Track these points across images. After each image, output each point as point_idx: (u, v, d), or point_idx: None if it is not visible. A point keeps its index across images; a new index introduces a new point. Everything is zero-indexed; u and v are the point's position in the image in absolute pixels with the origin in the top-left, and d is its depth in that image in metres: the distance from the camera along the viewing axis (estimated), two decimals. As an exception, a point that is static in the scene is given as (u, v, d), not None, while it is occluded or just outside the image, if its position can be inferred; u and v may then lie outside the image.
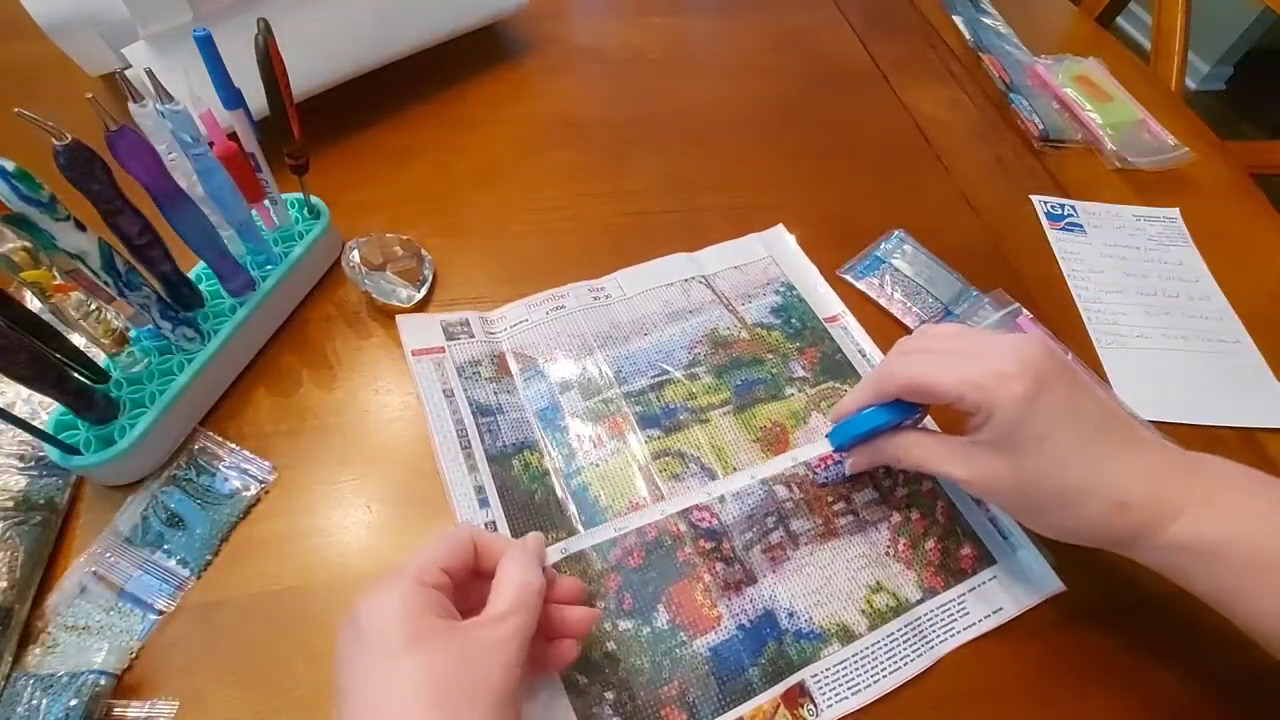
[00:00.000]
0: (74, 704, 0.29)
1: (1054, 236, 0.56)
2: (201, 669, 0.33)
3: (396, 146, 0.55)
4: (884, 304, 0.49)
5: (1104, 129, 0.63)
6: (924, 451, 0.34)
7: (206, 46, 0.34)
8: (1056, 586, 0.37)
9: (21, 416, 0.32)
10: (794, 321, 0.47)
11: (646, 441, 0.40)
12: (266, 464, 0.39)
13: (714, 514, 0.38)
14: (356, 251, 0.45)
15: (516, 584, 0.28)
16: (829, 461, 0.40)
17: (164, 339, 0.38)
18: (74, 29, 0.49)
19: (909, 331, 0.48)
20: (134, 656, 0.33)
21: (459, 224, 0.51)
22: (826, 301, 0.49)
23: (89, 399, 0.35)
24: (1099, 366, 0.48)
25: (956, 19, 0.74)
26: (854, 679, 0.34)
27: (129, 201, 0.33)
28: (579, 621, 0.31)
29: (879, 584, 0.37)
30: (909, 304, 0.49)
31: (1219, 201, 0.61)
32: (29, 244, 0.31)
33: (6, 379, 0.32)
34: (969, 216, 0.57)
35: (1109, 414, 0.31)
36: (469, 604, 0.28)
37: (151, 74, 0.34)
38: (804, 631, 0.35)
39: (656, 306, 0.47)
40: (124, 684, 0.32)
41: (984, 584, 0.38)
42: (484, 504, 0.37)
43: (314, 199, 0.46)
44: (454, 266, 0.48)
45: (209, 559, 0.35)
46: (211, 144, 0.37)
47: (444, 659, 0.24)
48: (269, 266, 0.43)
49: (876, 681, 0.34)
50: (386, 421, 0.41)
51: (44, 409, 0.38)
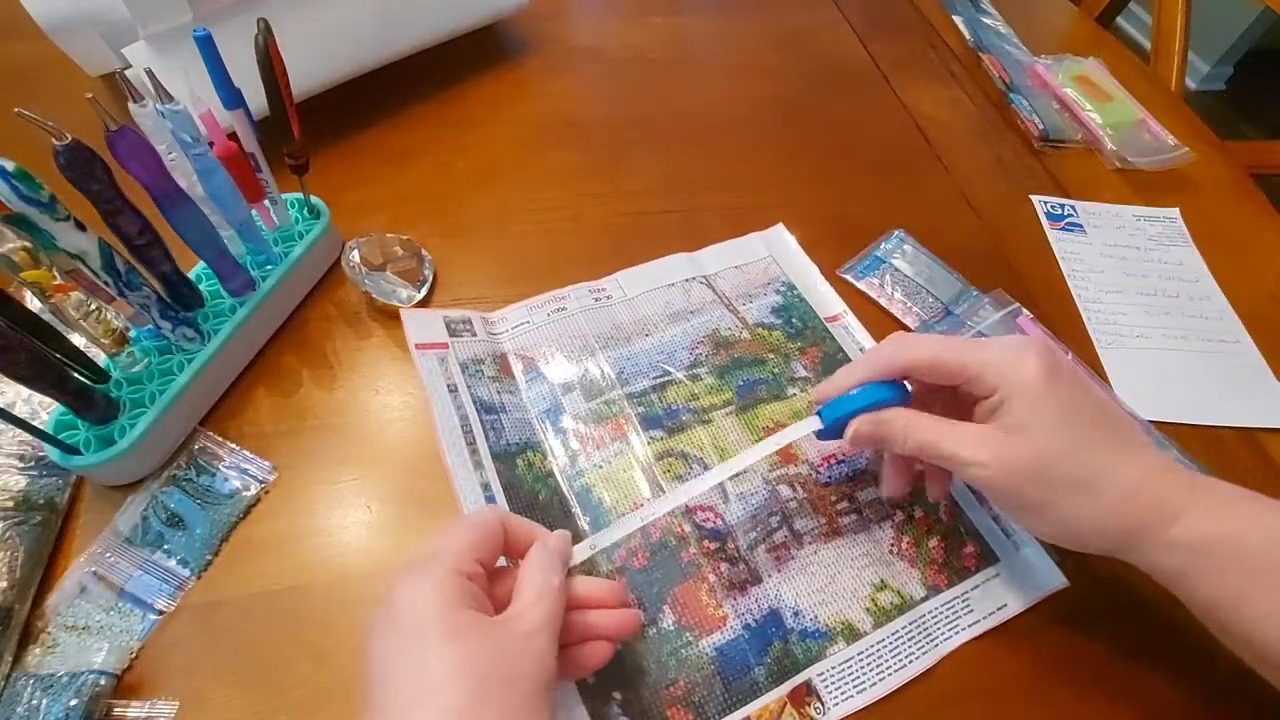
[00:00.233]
0: (74, 704, 0.29)
1: (1054, 236, 0.56)
2: (201, 669, 0.33)
3: (396, 146, 0.55)
4: (884, 304, 0.49)
5: (1104, 129, 0.63)
6: (934, 434, 0.32)
7: (206, 46, 0.34)
8: (1060, 582, 0.37)
9: (21, 416, 0.32)
10: (795, 321, 0.47)
11: (649, 442, 0.40)
12: (266, 464, 0.38)
13: (718, 514, 0.38)
14: (356, 251, 0.45)
15: (538, 585, 0.28)
16: (832, 461, 0.40)
17: (164, 339, 0.38)
18: (74, 29, 0.49)
19: (909, 331, 0.48)
20: (134, 656, 0.32)
21: (459, 224, 0.51)
22: (827, 301, 0.49)
23: (89, 399, 0.35)
24: (1099, 366, 0.48)
25: (956, 19, 0.74)
26: (860, 677, 0.34)
27: (129, 201, 0.33)
28: (614, 625, 0.31)
29: (883, 582, 0.37)
30: (909, 304, 0.49)
31: (1219, 201, 0.61)
32: (29, 244, 0.31)
33: (6, 379, 0.32)
34: (969, 216, 0.57)
35: (1113, 412, 0.32)
36: (495, 595, 0.29)
37: (151, 74, 0.34)
38: (809, 630, 0.35)
39: (657, 307, 0.47)
40: (124, 684, 0.32)
41: (987, 581, 0.38)
42: (490, 501, 0.37)
43: (314, 199, 0.46)
44: (454, 266, 0.48)
45: (209, 559, 0.35)
46: (211, 144, 0.37)
47: (478, 650, 0.25)
48: (269, 266, 0.43)
49: (882, 679, 0.34)
50: (387, 422, 0.41)
51: (44, 409, 0.38)
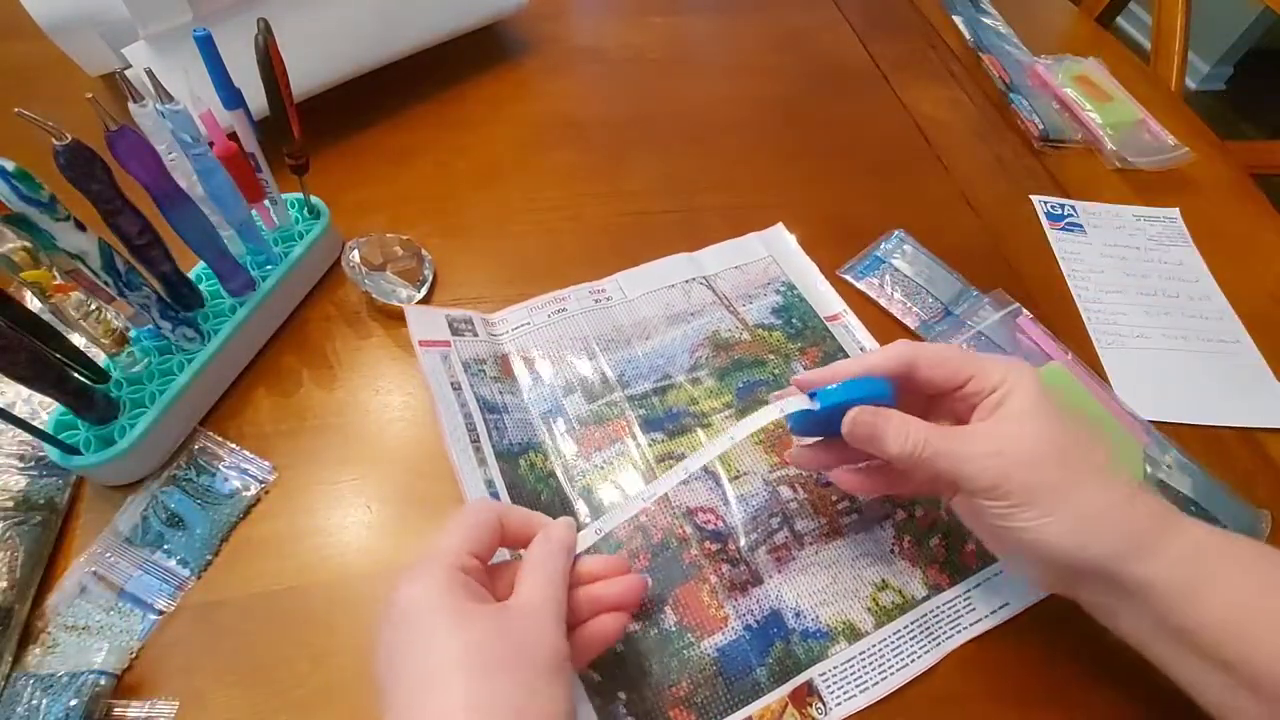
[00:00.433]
0: (74, 704, 0.29)
1: (1054, 236, 0.56)
2: (201, 669, 0.33)
3: (396, 146, 0.55)
4: (884, 304, 0.49)
5: (1104, 129, 0.63)
6: (939, 433, 0.31)
7: (206, 46, 0.34)
8: None
9: (21, 416, 0.32)
10: (795, 322, 0.47)
11: (650, 445, 0.40)
12: (266, 464, 0.38)
13: (719, 516, 0.38)
14: (356, 251, 0.45)
15: (538, 571, 0.29)
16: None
17: (164, 339, 0.38)
18: (74, 29, 0.49)
19: (909, 331, 0.48)
20: (134, 656, 0.32)
21: (459, 224, 0.51)
22: (828, 300, 0.49)
23: (89, 399, 0.34)
24: (1099, 366, 0.48)
25: (956, 19, 0.74)
26: (862, 677, 0.34)
27: (129, 201, 0.33)
28: (618, 593, 0.31)
29: (884, 582, 0.37)
30: (909, 304, 0.49)
31: (1219, 201, 0.61)
32: (29, 244, 0.31)
33: (6, 379, 0.32)
34: (969, 216, 0.57)
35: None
36: (498, 589, 0.29)
37: (151, 74, 0.33)
38: (811, 630, 0.35)
39: (657, 309, 0.47)
40: (124, 684, 0.32)
41: (989, 580, 0.37)
42: (495, 498, 0.37)
43: (314, 199, 0.46)
44: (454, 266, 0.48)
45: (209, 559, 0.35)
46: (211, 144, 0.37)
47: (481, 634, 0.25)
48: (269, 266, 0.43)
49: (884, 679, 0.34)
50: (387, 421, 0.41)
51: (44, 409, 0.38)
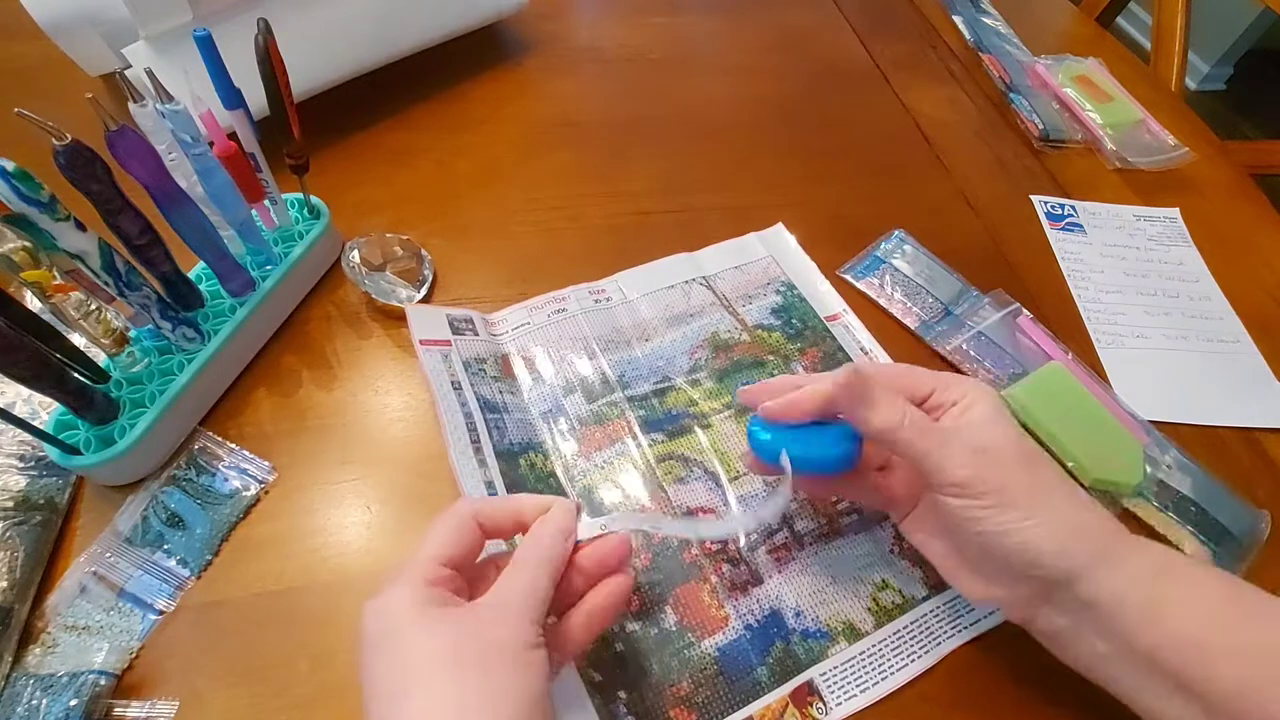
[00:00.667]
0: (74, 704, 0.29)
1: (1054, 236, 0.56)
2: (201, 669, 0.33)
3: (396, 146, 0.55)
4: (884, 304, 0.49)
5: (1104, 129, 0.63)
6: (920, 417, 0.30)
7: (206, 46, 0.34)
8: None
9: (21, 416, 0.32)
10: (794, 322, 0.47)
11: (650, 445, 0.40)
12: (266, 464, 0.38)
13: (719, 516, 0.38)
14: (356, 252, 0.45)
15: (523, 566, 0.28)
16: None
17: (164, 339, 0.38)
18: (74, 29, 0.49)
19: (909, 331, 0.48)
20: (134, 656, 0.32)
21: (459, 224, 0.51)
22: (828, 300, 0.49)
23: (89, 399, 0.34)
24: (1099, 366, 0.48)
25: (956, 19, 0.74)
26: (862, 676, 0.34)
27: (129, 201, 0.33)
28: (603, 550, 0.30)
29: (884, 581, 0.37)
30: (909, 304, 0.49)
31: (1219, 201, 0.61)
32: (29, 244, 0.31)
33: (6, 379, 0.32)
34: (969, 216, 0.57)
35: None
36: (481, 592, 0.28)
37: (151, 74, 0.34)
38: (811, 630, 0.35)
39: (657, 310, 0.47)
40: (124, 684, 0.32)
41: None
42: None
43: (314, 199, 0.46)
44: (454, 266, 0.48)
45: (209, 559, 0.35)
46: (211, 144, 0.37)
47: (446, 636, 0.25)
48: (269, 266, 0.43)
49: (885, 679, 0.34)
50: (387, 422, 0.41)
51: (44, 409, 0.38)
